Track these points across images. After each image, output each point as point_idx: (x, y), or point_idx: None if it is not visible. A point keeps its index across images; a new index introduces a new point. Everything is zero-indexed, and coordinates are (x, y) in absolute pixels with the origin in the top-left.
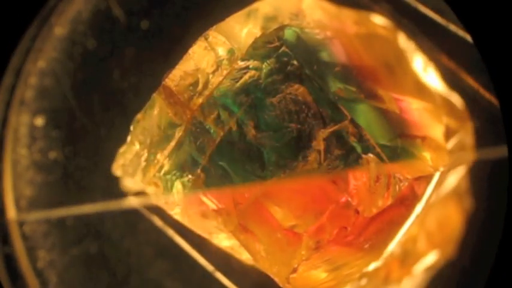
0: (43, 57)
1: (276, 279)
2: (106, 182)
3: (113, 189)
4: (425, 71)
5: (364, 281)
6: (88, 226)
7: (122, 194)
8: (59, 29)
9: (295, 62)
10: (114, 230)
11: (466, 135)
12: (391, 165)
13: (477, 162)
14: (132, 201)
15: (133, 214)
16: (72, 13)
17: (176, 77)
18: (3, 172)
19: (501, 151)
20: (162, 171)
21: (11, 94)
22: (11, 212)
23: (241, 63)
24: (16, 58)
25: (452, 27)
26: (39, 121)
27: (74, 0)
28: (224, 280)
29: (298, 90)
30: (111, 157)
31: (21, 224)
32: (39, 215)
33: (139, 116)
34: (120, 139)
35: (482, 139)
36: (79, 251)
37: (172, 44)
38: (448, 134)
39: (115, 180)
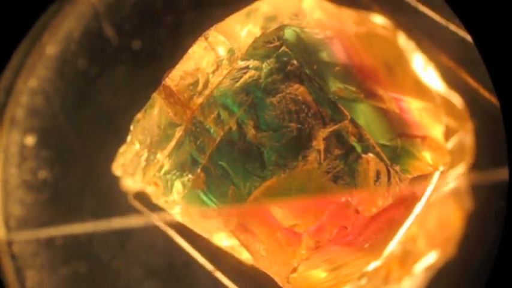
0: (34, 76)
1: (276, 279)
2: (95, 202)
3: (103, 209)
4: (425, 71)
5: (364, 281)
6: (77, 246)
7: (111, 214)
8: (50, 47)
9: (295, 62)
10: (103, 250)
11: (466, 135)
12: (391, 165)
13: (477, 162)
14: (120, 222)
15: (123, 234)
16: (63, 32)
17: (176, 76)
18: None
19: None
20: (162, 171)
21: (1, 113)
22: (0, 232)
23: (241, 63)
24: (6, 76)
25: (452, 27)
26: (30, 140)
27: (66, 19)
28: (224, 280)
29: (298, 90)
30: (101, 177)
31: (10, 244)
32: (29, 234)
33: (139, 115)
34: (110, 159)
35: (482, 139)
36: (68, 271)
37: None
38: (448, 134)
39: (104, 200)
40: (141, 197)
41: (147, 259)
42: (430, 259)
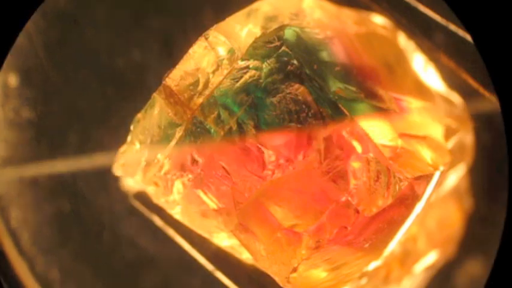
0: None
1: (276, 279)
2: (79, 140)
3: (86, 147)
4: (425, 71)
5: (364, 281)
6: (61, 184)
7: (94, 152)
8: None
9: (295, 62)
10: (87, 188)
11: (466, 135)
12: (391, 165)
13: (477, 162)
14: (103, 159)
15: (106, 172)
16: None
17: (176, 76)
18: None
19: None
20: (163, 171)
21: None
22: None
23: (242, 63)
24: None
25: (452, 27)
26: (13, 80)
27: None
28: (224, 280)
29: (298, 90)
30: (84, 115)
31: None
32: (13, 173)
33: (139, 115)
34: (93, 99)
35: (482, 139)
36: (52, 209)
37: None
38: (448, 134)
39: (88, 138)
40: (141, 197)
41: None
42: (430, 259)
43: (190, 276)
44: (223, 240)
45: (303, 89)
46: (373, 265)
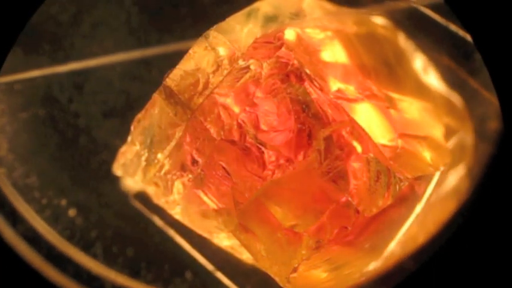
0: None
1: (276, 279)
2: (52, 47)
3: (59, 53)
4: (425, 71)
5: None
6: (36, 90)
7: (67, 58)
8: None
9: (295, 62)
10: (61, 93)
11: (466, 135)
12: (391, 165)
13: (477, 162)
14: (76, 64)
15: (79, 76)
16: None
17: (177, 76)
18: None
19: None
20: (163, 171)
21: None
22: None
23: (242, 63)
24: None
25: (452, 27)
26: None
27: None
28: (224, 280)
29: (298, 90)
30: (56, 24)
31: None
32: None
33: (139, 115)
34: (71, 9)
35: (482, 139)
36: (28, 115)
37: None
38: (448, 134)
39: (61, 44)
40: (142, 197)
41: (104, 99)
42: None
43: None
44: (223, 240)
45: (303, 89)
46: (373, 265)
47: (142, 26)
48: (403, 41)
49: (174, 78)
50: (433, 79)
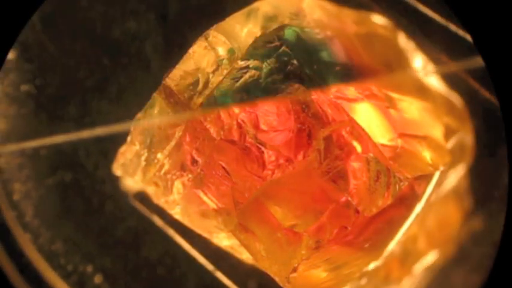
0: None
1: (276, 279)
2: (78, 112)
3: (85, 118)
4: (425, 71)
5: (364, 281)
6: (62, 156)
7: (94, 122)
8: None
9: (295, 62)
10: (87, 159)
11: (466, 135)
12: (391, 165)
13: (477, 162)
14: (103, 130)
15: (106, 142)
16: None
17: (176, 76)
18: None
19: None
20: (162, 171)
21: None
22: None
23: (242, 63)
24: None
25: (452, 27)
26: (10, 54)
27: None
28: (224, 280)
29: (298, 90)
30: (82, 89)
31: None
32: (14, 147)
33: (139, 115)
34: (90, 69)
35: (482, 139)
36: (54, 181)
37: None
38: (448, 134)
39: (87, 109)
40: (142, 197)
41: None
42: (430, 259)
43: (191, 242)
44: (223, 240)
45: (303, 89)
46: (373, 265)
47: None
48: (403, 41)
49: (173, 78)
50: (433, 79)
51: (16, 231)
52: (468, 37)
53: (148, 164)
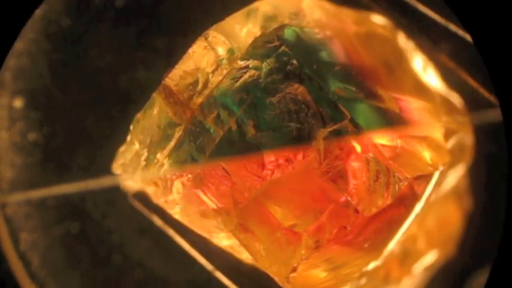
0: (20, 38)
1: (276, 279)
2: (85, 162)
3: (93, 168)
4: (425, 71)
5: (363, 281)
6: (69, 206)
7: (101, 172)
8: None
9: (294, 62)
10: (95, 209)
11: (466, 135)
12: (390, 165)
13: (477, 162)
14: (112, 180)
15: (113, 193)
16: None
17: (176, 76)
18: None
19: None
20: (162, 171)
21: None
22: None
23: (241, 63)
24: None
25: (452, 27)
26: (18, 102)
27: None
28: (224, 280)
29: (297, 89)
30: (89, 137)
31: (2, 207)
32: (20, 196)
33: (139, 115)
34: (98, 118)
35: (482, 139)
36: (60, 231)
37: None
38: (448, 134)
39: (94, 159)
40: (141, 197)
41: (138, 217)
42: (429, 259)
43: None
44: (223, 240)
45: (302, 89)
46: (372, 265)
47: None
48: (403, 41)
49: (173, 78)
50: (433, 79)
51: (23, 281)
52: (468, 37)
53: (148, 164)
